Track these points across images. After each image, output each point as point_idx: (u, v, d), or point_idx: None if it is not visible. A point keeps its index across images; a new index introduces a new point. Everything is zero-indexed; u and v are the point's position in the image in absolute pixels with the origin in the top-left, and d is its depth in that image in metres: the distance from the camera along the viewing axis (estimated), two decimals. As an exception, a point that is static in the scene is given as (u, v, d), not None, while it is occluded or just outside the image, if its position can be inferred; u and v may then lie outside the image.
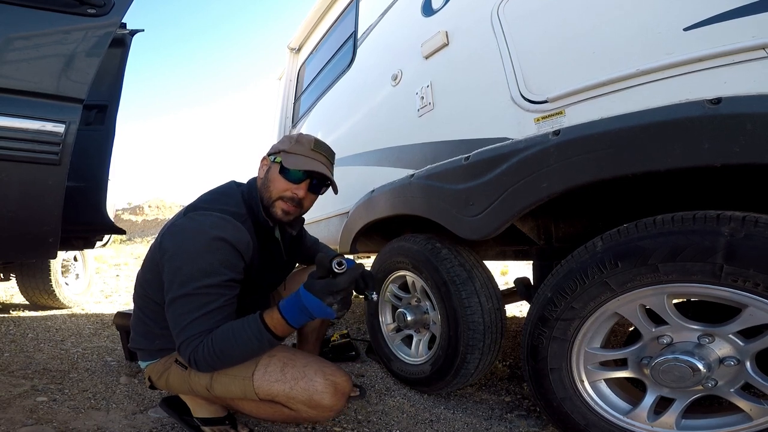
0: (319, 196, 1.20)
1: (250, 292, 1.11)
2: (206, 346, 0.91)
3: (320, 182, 1.14)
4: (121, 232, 2.43)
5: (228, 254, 0.96)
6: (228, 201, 1.08)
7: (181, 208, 1.13)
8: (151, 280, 1.06)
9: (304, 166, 1.08)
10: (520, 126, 1.05)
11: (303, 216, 1.28)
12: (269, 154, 1.16)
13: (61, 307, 3.20)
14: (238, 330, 0.92)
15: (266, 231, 1.14)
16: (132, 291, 1.16)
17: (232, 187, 1.16)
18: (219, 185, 1.19)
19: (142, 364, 1.16)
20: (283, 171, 1.09)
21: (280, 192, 1.10)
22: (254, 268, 1.07)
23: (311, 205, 1.19)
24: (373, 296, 1.03)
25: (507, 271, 5.38)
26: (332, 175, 1.18)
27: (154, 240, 1.11)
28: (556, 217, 1.22)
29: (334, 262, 0.86)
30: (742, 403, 0.80)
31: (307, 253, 1.57)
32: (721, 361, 0.79)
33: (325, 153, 1.15)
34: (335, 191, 1.19)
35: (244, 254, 1.00)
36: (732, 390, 0.80)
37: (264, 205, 1.11)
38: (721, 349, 0.80)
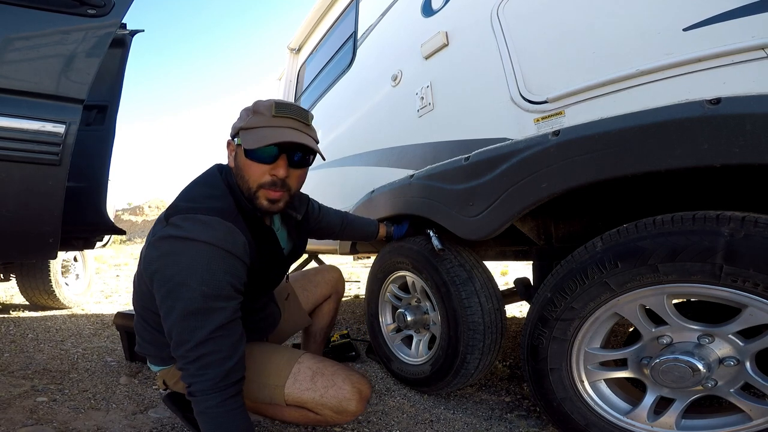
0: (316, 192, 1.11)
1: (257, 295, 1.10)
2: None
3: (303, 152, 0.96)
4: (121, 232, 2.43)
5: (226, 263, 0.86)
6: (212, 194, 0.94)
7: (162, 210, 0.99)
8: (146, 293, 0.99)
9: (269, 139, 0.88)
10: (520, 126, 1.05)
11: (303, 194, 1.21)
12: (232, 137, 0.99)
13: (61, 307, 3.20)
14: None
15: (257, 222, 1.00)
16: (132, 291, 1.14)
17: (215, 174, 1.00)
18: (201, 173, 1.03)
19: (154, 368, 1.14)
20: (249, 153, 0.91)
21: (258, 179, 0.93)
22: (255, 270, 0.97)
23: (301, 183, 1.03)
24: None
25: (507, 271, 5.38)
26: (314, 138, 0.98)
27: (142, 248, 0.98)
28: (556, 217, 1.22)
29: None
30: (741, 404, 0.80)
31: (332, 228, 1.43)
32: (721, 361, 0.79)
33: (294, 114, 0.93)
34: (322, 157, 1.01)
35: (242, 257, 0.90)
36: (732, 390, 0.80)
37: (246, 197, 0.96)
38: (720, 349, 0.80)
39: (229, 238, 0.87)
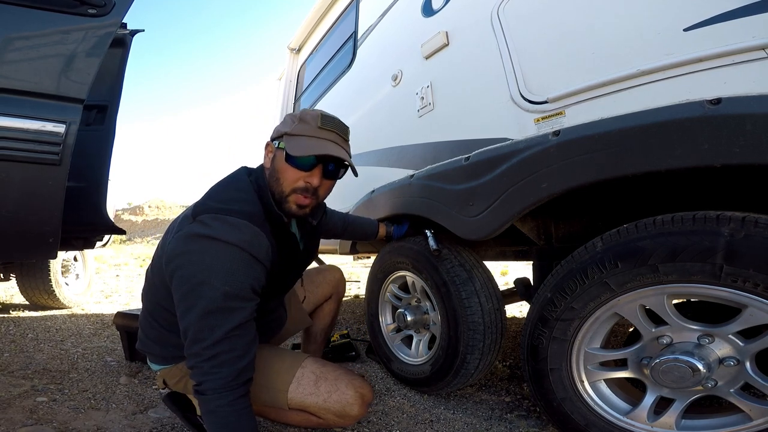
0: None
1: (272, 297, 1.10)
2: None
3: (336, 165, 1.00)
4: (121, 232, 2.43)
5: (249, 266, 0.89)
6: (241, 197, 0.97)
7: (188, 206, 1.02)
8: (159, 286, 0.99)
9: (313, 150, 0.93)
10: (520, 126, 1.05)
11: (324, 203, 1.23)
12: (273, 139, 1.02)
13: (61, 307, 3.20)
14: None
15: (282, 226, 1.02)
16: (132, 291, 1.14)
17: (243, 178, 1.02)
18: (229, 174, 1.06)
19: (154, 367, 1.14)
20: (290, 158, 0.95)
21: (292, 184, 0.96)
22: (274, 273, 1.00)
23: (328, 193, 1.06)
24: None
25: (507, 271, 5.39)
26: (349, 153, 1.03)
27: (160, 241, 1.02)
28: (556, 217, 1.22)
29: None
30: (741, 404, 0.80)
31: (334, 229, 1.46)
32: (721, 361, 0.79)
33: (336, 129, 0.99)
34: (354, 173, 1.05)
35: (264, 262, 0.92)
36: (732, 390, 0.80)
37: (276, 199, 0.99)
38: (720, 349, 0.80)
39: (255, 241, 0.90)
